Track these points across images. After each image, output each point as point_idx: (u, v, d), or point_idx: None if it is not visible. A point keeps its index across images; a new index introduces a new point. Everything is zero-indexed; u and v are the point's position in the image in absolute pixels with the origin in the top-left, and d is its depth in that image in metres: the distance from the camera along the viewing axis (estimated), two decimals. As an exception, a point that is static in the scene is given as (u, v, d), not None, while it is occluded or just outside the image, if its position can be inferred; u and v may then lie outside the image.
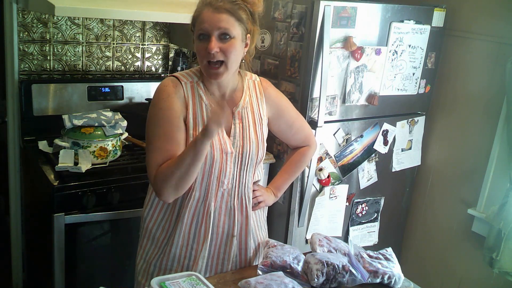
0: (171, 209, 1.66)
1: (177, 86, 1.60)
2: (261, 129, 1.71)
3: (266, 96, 1.74)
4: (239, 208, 1.70)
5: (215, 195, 1.64)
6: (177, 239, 1.65)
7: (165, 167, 1.54)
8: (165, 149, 1.55)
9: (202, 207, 1.64)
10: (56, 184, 2.12)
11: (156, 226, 1.69)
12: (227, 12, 1.51)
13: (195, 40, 1.56)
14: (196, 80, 1.63)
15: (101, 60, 2.81)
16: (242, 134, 1.66)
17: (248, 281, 1.47)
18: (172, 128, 1.56)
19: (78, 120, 2.29)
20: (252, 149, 1.66)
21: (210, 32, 1.51)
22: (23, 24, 2.52)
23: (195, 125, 1.59)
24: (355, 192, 2.75)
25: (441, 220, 2.97)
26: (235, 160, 1.64)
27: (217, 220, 1.66)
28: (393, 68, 2.66)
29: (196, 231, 1.65)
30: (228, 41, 1.52)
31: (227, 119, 1.63)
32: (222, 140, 1.61)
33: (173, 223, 1.66)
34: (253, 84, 1.74)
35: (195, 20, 1.55)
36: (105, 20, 2.76)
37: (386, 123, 2.75)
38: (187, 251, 1.66)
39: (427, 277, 3.00)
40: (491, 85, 2.67)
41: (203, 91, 1.62)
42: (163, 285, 1.45)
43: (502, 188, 2.58)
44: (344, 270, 1.55)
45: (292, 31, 2.49)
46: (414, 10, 2.64)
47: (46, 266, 2.25)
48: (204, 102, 1.61)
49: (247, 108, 1.69)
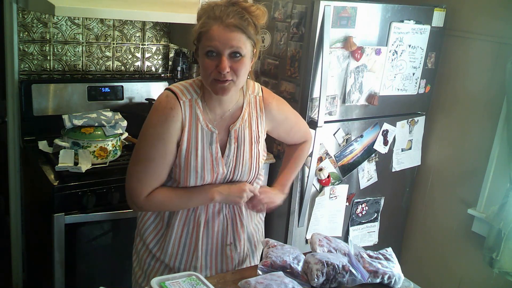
0: (160, 215, 1.67)
1: (175, 108, 1.53)
2: (257, 148, 1.66)
3: (266, 112, 1.69)
4: (232, 217, 1.69)
5: (205, 207, 1.64)
6: (166, 247, 1.65)
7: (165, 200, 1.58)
8: (156, 172, 1.55)
9: (192, 217, 1.64)
10: (56, 184, 2.12)
11: (148, 231, 1.69)
12: (238, 30, 1.44)
13: (201, 56, 1.49)
14: (195, 98, 1.56)
15: (101, 60, 2.81)
16: (236, 154, 1.62)
17: (248, 281, 1.47)
18: (166, 152, 1.54)
19: (78, 120, 2.29)
20: (244, 171, 1.64)
21: (221, 51, 1.44)
22: (23, 24, 2.52)
23: (188, 146, 1.55)
24: (355, 192, 2.75)
25: (441, 220, 2.97)
26: (225, 179, 1.63)
27: (210, 231, 1.66)
28: (393, 68, 2.66)
29: (187, 241, 1.65)
30: (238, 60, 1.47)
31: (222, 137, 1.61)
32: (215, 162, 1.58)
33: (164, 230, 1.66)
34: (254, 100, 1.67)
35: (202, 35, 1.47)
36: (105, 20, 2.76)
37: (386, 123, 2.75)
38: (176, 260, 1.67)
39: (427, 277, 3.00)
40: (491, 85, 2.67)
41: (200, 110, 1.57)
42: (163, 285, 1.45)
43: (502, 188, 2.58)
44: (344, 270, 1.55)
45: (292, 31, 2.49)
46: (414, 10, 2.64)
47: (46, 266, 2.25)
48: (200, 123, 1.56)
49: (245, 126, 1.63)
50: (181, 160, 1.55)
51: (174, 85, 1.59)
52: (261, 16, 1.51)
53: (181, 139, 1.54)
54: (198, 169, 1.56)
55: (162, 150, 1.54)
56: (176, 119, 1.53)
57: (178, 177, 1.58)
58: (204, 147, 1.57)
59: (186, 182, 1.58)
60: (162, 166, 1.56)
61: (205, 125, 1.56)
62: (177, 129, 1.54)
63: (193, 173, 1.56)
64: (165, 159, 1.55)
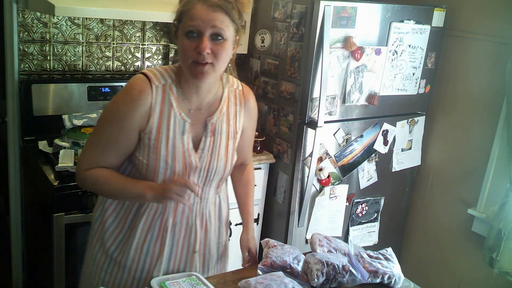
0: (122, 216, 1.56)
1: (145, 91, 1.44)
2: (233, 144, 1.59)
3: (245, 108, 1.62)
4: (200, 224, 1.59)
5: (174, 209, 1.53)
6: (128, 250, 1.54)
7: (99, 179, 1.47)
8: (105, 151, 1.47)
9: (158, 220, 1.53)
10: (56, 184, 2.12)
11: (108, 233, 1.57)
12: (222, 11, 1.37)
13: (180, 37, 1.41)
14: (169, 84, 1.47)
15: (101, 60, 2.81)
16: (211, 148, 1.53)
17: (248, 281, 1.47)
18: (121, 135, 1.45)
19: (78, 120, 2.29)
20: (219, 166, 1.55)
21: (202, 30, 1.36)
22: (23, 24, 2.52)
23: (158, 134, 1.45)
24: (355, 192, 2.75)
25: (441, 220, 2.97)
26: (199, 175, 1.53)
27: (177, 236, 1.56)
28: (393, 68, 2.66)
29: (151, 246, 1.54)
30: (220, 43, 1.39)
31: (198, 130, 1.52)
32: (187, 153, 1.49)
33: (125, 232, 1.55)
34: (234, 93, 1.60)
35: (184, 15, 1.39)
36: (105, 20, 2.76)
37: (386, 123, 2.75)
38: (138, 265, 1.55)
39: (427, 277, 3.00)
40: (491, 85, 2.66)
41: (174, 97, 1.47)
42: (163, 285, 1.45)
43: (502, 188, 2.58)
44: (344, 270, 1.55)
45: (292, 31, 2.49)
46: (414, 10, 2.64)
47: (46, 266, 2.25)
48: (174, 110, 1.47)
49: (223, 119, 1.56)
50: (150, 149, 1.46)
51: (149, 69, 1.51)
52: (246, 4, 1.44)
53: (147, 125, 1.45)
54: (169, 159, 1.46)
55: (118, 129, 1.45)
56: (142, 103, 1.43)
57: (146, 170, 1.48)
58: (176, 136, 1.47)
59: (154, 175, 1.47)
60: (112, 147, 1.46)
61: (178, 113, 1.47)
62: (142, 115, 1.44)
63: (163, 163, 1.46)
64: (118, 141, 1.46)
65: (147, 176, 1.48)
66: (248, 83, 2.90)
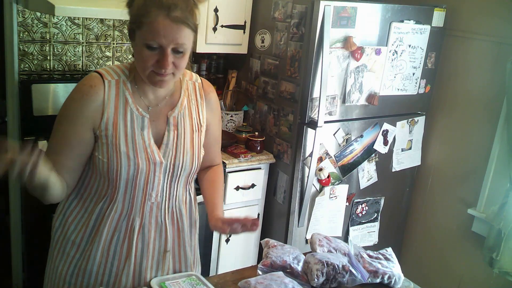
0: (84, 222, 1.49)
1: (96, 86, 1.40)
2: (198, 137, 1.54)
3: (207, 100, 1.57)
4: (171, 223, 1.54)
5: (141, 209, 1.48)
6: (94, 255, 1.47)
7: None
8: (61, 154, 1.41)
9: (125, 222, 1.47)
10: (56, 184, 2.11)
11: (66, 240, 1.51)
12: (184, 25, 1.32)
13: (139, 44, 1.35)
14: (123, 79, 1.44)
15: (101, 60, 2.81)
16: (176, 143, 1.49)
17: (248, 281, 1.47)
18: (74, 134, 1.40)
19: (78, 120, 2.29)
20: (185, 160, 1.50)
21: (165, 46, 1.32)
22: (23, 24, 2.52)
23: (116, 130, 1.41)
24: (355, 192, 2.75)
25: (441, 220, 2.97)
26: (165, 171, 1.48)
27: (147, 236, 1.50)
28: (393, 68, 2.66)
29: (118, 248, 1.48)
30: (181, 56, 1.36)
31: (160, 125, 1.48)
32: (149, 149, 1.44)
33: (88, 237, 1.49)
34: (193, 86, 1.56)
35: (143, 24, 1.33)
36: (105, 20, 2.76)
37: (386, 123, 2.75)
38: (106, 268, 1.49)
39: (427, 277, 3.00)
40: (491, 85, 2.67)
41: (129, 92, 1.44)
42: (163, 285, 1.45)
43: (502, 188, 2.58)
44: (344, 270, 1.55)
45: (292, 31, 2.49)
46: (414, 10, 2.64)
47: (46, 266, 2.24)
48: (130, 106, 1.43)
49: (184, 113, 1.51)
50: (108, 146, 1.41)
51: (101, 68, 1.48)
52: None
53: (102, 122, 1.40)
54: (130, 153, 1.41)
55: (69, 130, 1.40)
56: (94, 99, 1.39)
57: (107, 169, 1.42)
58: (135, 132, 1.43)
59: (117, 173, 1.42)
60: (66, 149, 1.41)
61: (135, 109, 1.44)
62: (94, 111, 1.40)
63: (125, 160, 1.41)
64: (71, 141, 1.40)
65: (110, 177, 1.43)
66: (248, 83, 2.92)
